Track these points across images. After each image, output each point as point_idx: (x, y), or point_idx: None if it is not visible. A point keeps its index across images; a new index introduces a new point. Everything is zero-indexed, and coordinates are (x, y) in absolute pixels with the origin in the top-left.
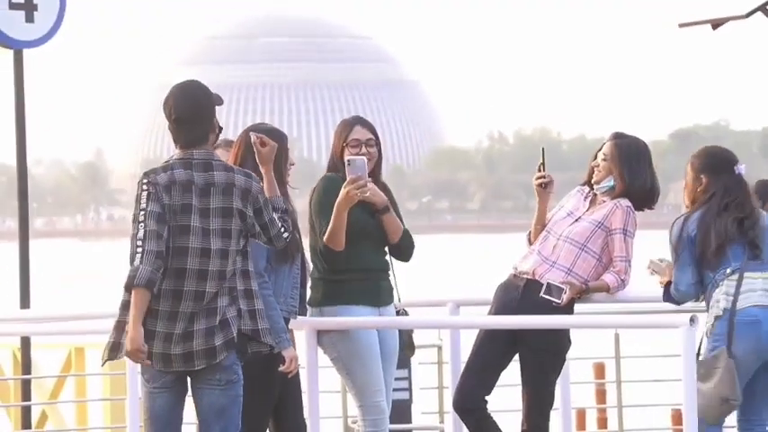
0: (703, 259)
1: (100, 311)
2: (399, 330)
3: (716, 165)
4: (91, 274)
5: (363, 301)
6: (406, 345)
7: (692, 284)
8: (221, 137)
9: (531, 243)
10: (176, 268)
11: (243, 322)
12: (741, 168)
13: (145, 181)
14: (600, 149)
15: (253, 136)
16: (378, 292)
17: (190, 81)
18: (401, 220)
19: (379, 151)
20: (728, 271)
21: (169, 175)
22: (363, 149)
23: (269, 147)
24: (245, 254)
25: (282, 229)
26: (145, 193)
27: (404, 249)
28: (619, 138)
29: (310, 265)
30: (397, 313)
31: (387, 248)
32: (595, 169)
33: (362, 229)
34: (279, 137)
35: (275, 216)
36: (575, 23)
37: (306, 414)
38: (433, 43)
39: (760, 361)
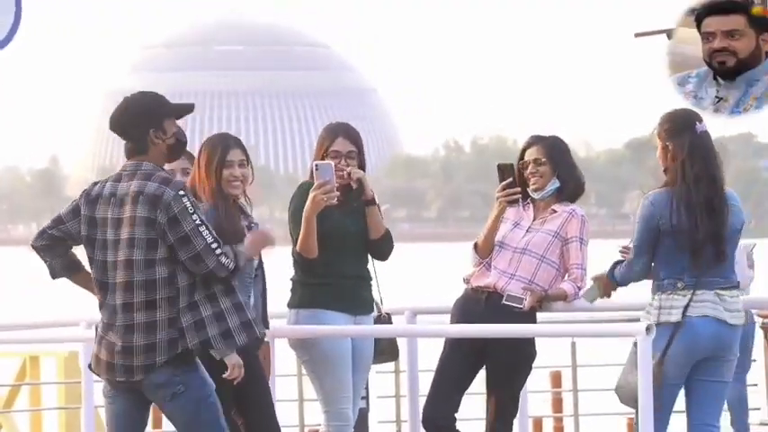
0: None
1: (54, 320)
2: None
3: (677, 127)
4: (45, 282)
5: (339, 307)
6: (388, 349)
7: (647, 268)
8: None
9: (479, 255)
10: (99, 281)
11: (188, 337)
12: (703, 126)
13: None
14: (522, 157)
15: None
16: (354, 300)
17: (138, 92)
18: None
19: (362, 162)
20: (681, 285)
21: (96, 188)
22: (343, 162)
23: (259, 236)
24: (180, 267)
25: (216, 246)
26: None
27: (383, 248)
28: (542, 140)
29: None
30: (380, 319)
31: (368, 253)
32: (532, 177)
33: (343, 235)
34: (215, 143)
35: (208, 236)
36: (531, 33)
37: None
38: (390, 52)
39: (692, 362)
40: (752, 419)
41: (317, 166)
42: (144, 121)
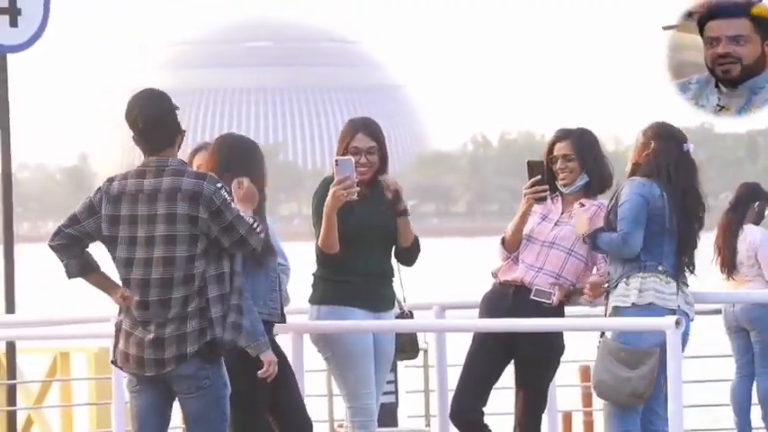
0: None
1: (85, 316)
2: (400, 333)
3: (667, 135)
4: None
5: (361, 304)
6: (408, 347)
7: (641, 242)
8: (199, 141)
9: (506, 250)
10: (129, 279)
11: (215, 330)
12: (690, 146)
13: (98, 187)
14: (550, 152)
15: (235, 182)
16: (376, 297)
17: (150, 89)
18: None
19: (384, 156)
20: (662, 268)
21: (117, 186)
22: (363, 158)
23: (245, 189)
24: (210, 258)
25: (255, 225)
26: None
27: (412, 255)
28: (570, 134)
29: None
30: (403, 315)
31: (393, 251)
32: (561, 172)
33: (367, 232)
34: (248, 146)
35: (246, 216)
36: (559, 26)
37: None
38: (417, 48)
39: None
40: None
41: (336, 161)
42: (174, 115)
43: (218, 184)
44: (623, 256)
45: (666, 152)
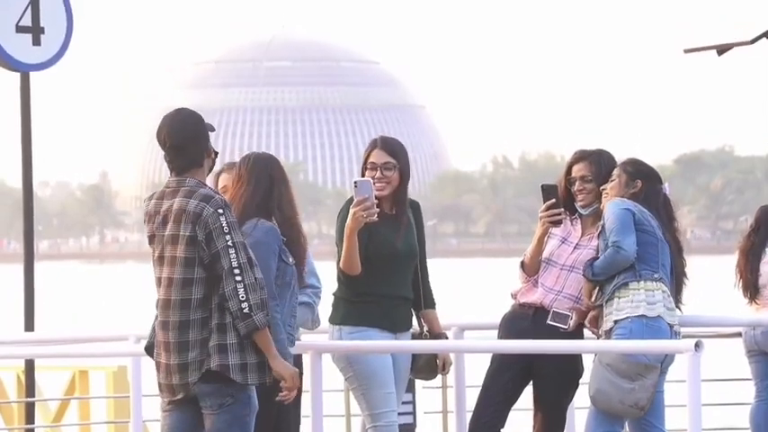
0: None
1: (104, 335)
2: (419, 354)
3: (650, 175)
4: (95, 296)
5: (381, 324)
6: (426, 368)
7: (635, 245)
8: (219, 161)
9: (526, 273)
10: (158, 300)
11: (212, 359)
12: (666, 187)
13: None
14: (569, 173)
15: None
16: (395, 318)
17: (181, 108)
18: (424, 244)
19: (405, 172)
20: (657, 275)
21: (146, 206)
22: (379, 173)
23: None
24: (210, 284)
25: (238, 278)
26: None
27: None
28: (589, 155)
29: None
30: (422, 336)
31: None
32: (579, 194)
33: (391, 255)
34: (273, 164)
35: (233, 260)
36: (579, 48)
37: None
38: (438, 68)
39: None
40: None
41: (356, 183)
42: (203, 136)
43: (221, 210)
44: (622, 266)
45: (655, 194)
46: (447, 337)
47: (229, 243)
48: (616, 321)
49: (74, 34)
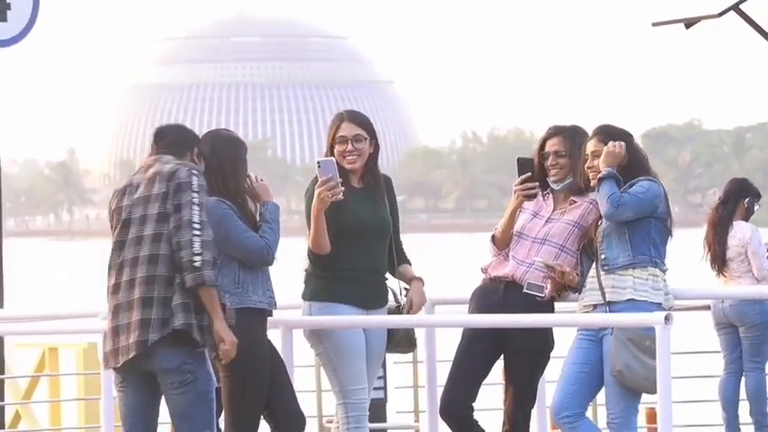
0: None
1: (73, 311)
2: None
3: (629, 136)
4: (64, 274)
5: (351, 300)
6: (404, 341)
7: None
8: None
9: (497, 247)
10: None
11: (176, 318)
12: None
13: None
14: (542, 148)
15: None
16: (366, 294)
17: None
18: (397, 218)
19: (376, 145)
20: (665, 267)
21: (113, 202)
22: (350, 146)
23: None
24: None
25: (197, 231)
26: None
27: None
28: (562, 131)
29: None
30: (399, 310)
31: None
32: (552, 169)
33: (360, 229)
34: (237, 144)
35: (195, 215)
36: (547, 23)
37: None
38: (407, 44)
39: None
40: None
41: (319, 163)
42: (190, 140)
43: (195, 171)
44: (603, 212)
45: (636, 151)
46: (423, 282)
47: (195, 200)
48: (631, 300)
49: (40, 10)
